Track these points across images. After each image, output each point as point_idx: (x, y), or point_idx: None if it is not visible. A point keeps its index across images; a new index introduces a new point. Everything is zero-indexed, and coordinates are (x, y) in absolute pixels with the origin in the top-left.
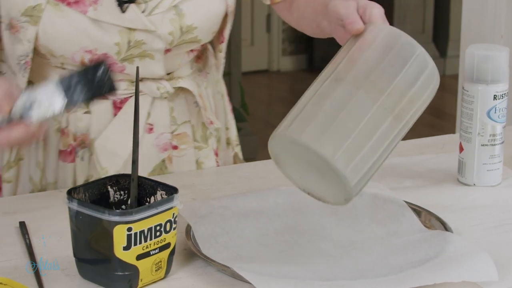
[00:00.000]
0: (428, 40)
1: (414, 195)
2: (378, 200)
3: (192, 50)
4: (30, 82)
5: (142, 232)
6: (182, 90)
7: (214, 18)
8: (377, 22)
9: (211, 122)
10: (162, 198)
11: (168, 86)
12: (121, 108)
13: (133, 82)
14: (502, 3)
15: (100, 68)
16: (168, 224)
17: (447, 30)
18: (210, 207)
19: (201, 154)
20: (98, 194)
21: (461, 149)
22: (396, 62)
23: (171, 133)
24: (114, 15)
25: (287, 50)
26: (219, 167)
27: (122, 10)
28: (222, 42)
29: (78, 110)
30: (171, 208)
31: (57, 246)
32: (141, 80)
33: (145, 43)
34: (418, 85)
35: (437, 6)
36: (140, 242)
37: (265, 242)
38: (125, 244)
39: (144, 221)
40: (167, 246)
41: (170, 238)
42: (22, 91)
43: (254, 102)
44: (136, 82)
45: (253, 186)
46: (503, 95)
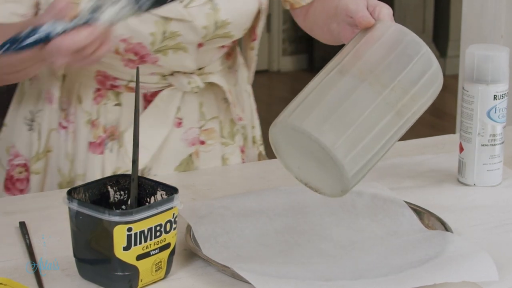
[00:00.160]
0: (428, 40)
1: (414, 195)
2: (378, 200)
3: (223, 47)
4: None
5: (142, 232)
6: (212, 85)
7: (247, 15)
8: (385, 20)
9: (240, 119)
10: (162, 198)
11: (198, 81)
12: (151, 101)
13: (164, 75)
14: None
15: None
16: (168, 224)
17: (447, 30)
18: (210, 207)
19: (227, 150)
20: (98, 194)
21: (461, 149)
22: (401, 58)
23: (199, 128)
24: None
25: (287, 50)
26: (219, 167)
27: None
28: (255, 39)
29: (108, 102)
30: (171, 208)
31: (57, 246)
32: (172, 74)
33: (180, 35)
34: (421, 83)
35: (437, 6)
36: (140, 242)
37: (265, 242)
38: (125, 244)
39: (144, 221)
40: (167, 246)
41: (170, 238)
42: None
43: None
44: (136, 82)
45: (253, 186)
46: (503, 95)
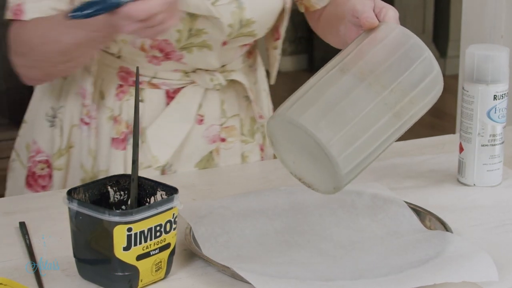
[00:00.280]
0: (428, 40)
1: (414, 195)
2: (378, 200)
3: (245, 45)
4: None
5: (142, 232)
6: (233, 83)
7: (271, 14)
8: (390, 22)
9: (261, 116)
10: (162, 198)
11: (221, 78)
12: (173, 97)
13: (187, 72)
14: (502, 3)
15: None
16: (168, 224)
17: (447, 30)
18: (210, 207)
19: (247, 148)
20: (98, 195)
21: (461, 149)
22: (403, 61)
23: (220, 125)
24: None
25: (287, 50)
26: (219, 168)
27: None
28: (278, 39)
29: (131, 98)
30: (171, 208)
31: (57, 246)
32: (194, 71)
33: (206, 33)
34: (421, 87)
35: (437, 6)
36: (140, 243)
37: (265, 242)
38: (125, 244)
39: (144, 221)
40: (167, 246)
41: (170, 238)
42: None
43: None
44: (136, 83)
45: (253, 186)
46: (503, 95)
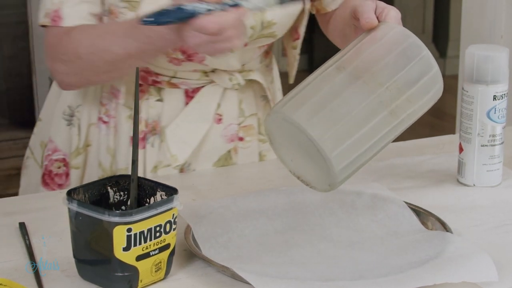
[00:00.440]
0: (428, 40)
1: (414, 196)
2: (378, 200)
3: (263, 45)
4: None
5: (142, 233)
6: (251, 82)
7: (292, 15)
8: (390, 22)
9: None
10: (162, 198)
11: (239, 78)
12: (192, 97)
13: (206, 72)
14: (502, 3)
15: None
16: (168, 224)
17: (447, 30)
18: (210, 208)
19: (264, 147)
20: (97, 195)
21: (461, 149)
22: (400, 59)
23: (238, 124)
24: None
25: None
26: (219, 168)
27: None
28: (298, 39)
29: (150, 97)
30: (171, 208)
31: (57, 246)
32: (213, 70)
33: None
34: (419, 86)
35: (437, 6)
36: (140, 243)
37: (265, 243)
38: (124, 245)
39: (144, 221)
40: (167, 247)
41: (170, 238)
42: None
43: None
44: (136, 83)
45: (253, 186)
46: (503, 96)
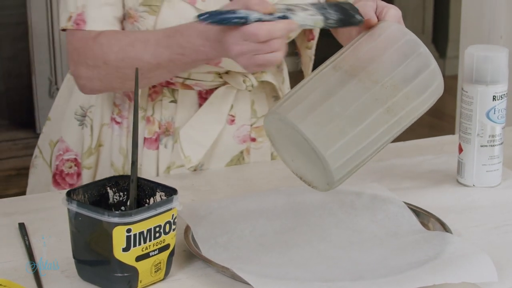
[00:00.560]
0: (427, 40)
1: (414, 196)
2: (378, 201)
3: None
4: None
5: (141, 233)
6: (263, 83)
7: None
8: (389, 20)
9: None
10: (161, 199)
11: (253, 79)
12: (206, 98)
13: (219, 74)
14: (501, 4)
15: (351, 4)
16: (167, 225)
17: (447, 31)
18: (210, 208)
19: None
20: (97, 196)
21: (460, 150)
22: (396, 56)
23: (251, 125)
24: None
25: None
26: (219, 168)
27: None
28: (312, 39)
29: (164, 98)
30: (171, 209)
31: (56, 247)
32: (227, 72)
33: None
34: (417, 82)
35: (436, 6)
36: (139, 244)
37: (264, 243)
38: (124, 245)
39: (143, 222)
40: (167, 247)
41: (170, 239)
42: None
43: None
44: (135, 83)
45: (253, 187)
46: (502, 96)
